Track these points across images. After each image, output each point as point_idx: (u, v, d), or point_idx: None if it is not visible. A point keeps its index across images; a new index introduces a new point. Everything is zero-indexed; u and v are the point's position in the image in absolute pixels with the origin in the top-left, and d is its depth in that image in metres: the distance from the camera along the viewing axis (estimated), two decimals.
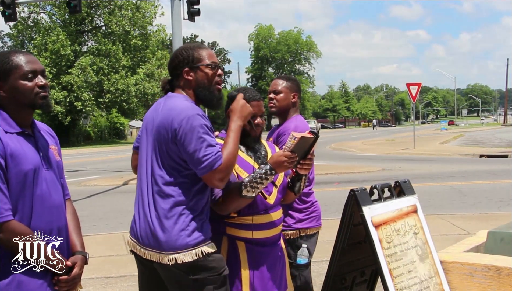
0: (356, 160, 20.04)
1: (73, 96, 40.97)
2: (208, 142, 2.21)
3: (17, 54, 2.07)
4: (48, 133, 2.25)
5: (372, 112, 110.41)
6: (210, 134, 2.25)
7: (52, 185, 2.09)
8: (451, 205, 9.32)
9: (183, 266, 2.23)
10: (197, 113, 2.24)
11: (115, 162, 23.37)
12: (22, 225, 1.96)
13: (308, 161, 2.54)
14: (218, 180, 2.23)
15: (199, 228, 2.27)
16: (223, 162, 2.22)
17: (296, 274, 3.08)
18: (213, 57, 2.42)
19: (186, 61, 2.39)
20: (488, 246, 3.36)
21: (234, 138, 2.33)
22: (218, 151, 2.22)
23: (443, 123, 75.22)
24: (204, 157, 2.18)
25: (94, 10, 45.30)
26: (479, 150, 23.10)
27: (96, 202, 10.97)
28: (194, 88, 2.39)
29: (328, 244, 3.35)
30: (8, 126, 2.02)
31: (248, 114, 2.44)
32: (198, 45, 2.47)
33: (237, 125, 2.38)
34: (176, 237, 2.22)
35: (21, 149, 1.99)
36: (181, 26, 16.17)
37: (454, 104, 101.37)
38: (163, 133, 2.26)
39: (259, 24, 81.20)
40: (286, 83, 3.35)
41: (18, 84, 2.03)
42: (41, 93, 2.07)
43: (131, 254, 2.45)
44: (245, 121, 2.43)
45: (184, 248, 2.22)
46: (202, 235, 2.27)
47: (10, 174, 1.94)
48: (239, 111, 2.41)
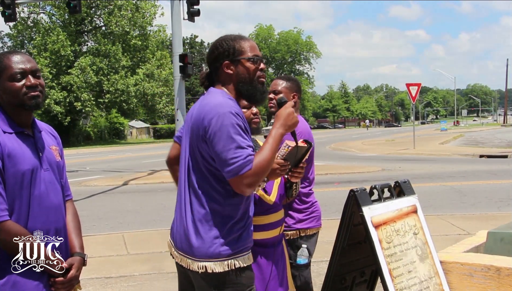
0: (356, 160, 20.04)
1: (73, 97, 41.01)
2: (238, 144, 2.03)
3: (10, 55, 2.06)
4: (50, 134, 2.23)
5: (372, 113, 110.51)
6: (243, 135, 2.07)
7: (51, 185, 2.07)
8: (451, 205, 9.32)
9: (212, 276, 2.09)
10: (230, 111, 2.06)
11: (115, 162, 23.39)
12: (18, 225, 1.94)
13: (299, 169, 2.56)
14: (246, 186, 2.04)
15: (236, 238, 2.12)
16: (252, 168, 2.03)
17: (296, 274, 3.08)
18: (255, 50, 2.26)
19: (226, 54, 2.22)
20: (488, 246, 3.36)
21: (272, 145, 2.11)
22: (249, 154, 2.04)
23: (443, 124, 75.16)
24: (231, 159, 2.01)
25: (94, 11, 45.32)
26: (479, 150, 23.10)
27: (96, 202, 10.96)
28: (235, 83, 2.23)
29: (328, 244, 3.36)
30: (6, 126, 2.01)
31: (294, 124, 2.21)
32: (240, 36, 2.29)
33: (279, 133, 2.15)
34: (209, 244, 2.09)
35: (19, 149, 1.98)
36: (181, 26, 16.17)
37: (454, 104, 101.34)
38: (195, 131, 2.14)
39: (259, 24, 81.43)
40: (286, 84, 3.36)
41: (7, 85, 2.02)
42: (30, 93, 2.03)
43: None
44: (289, 131, 2.21)
45: (216, 257, 2.08)
46: (238, 246, 2.12)
47: (8, 174, 1.93)
48: (284, 119, 2.18)
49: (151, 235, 7.34)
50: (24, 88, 2.02)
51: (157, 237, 7.09)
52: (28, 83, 2.03)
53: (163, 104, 45.22)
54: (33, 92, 2.04)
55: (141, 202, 11.17)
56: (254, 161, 2.04)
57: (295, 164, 2.51)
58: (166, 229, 7.80)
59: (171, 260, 2.35)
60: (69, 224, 2.19)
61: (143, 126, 66.41)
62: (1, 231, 1.90)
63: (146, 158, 24.92)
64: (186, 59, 15.51)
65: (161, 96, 44.60)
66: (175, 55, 15.96)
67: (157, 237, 7.05)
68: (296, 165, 2.52)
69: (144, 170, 17.91)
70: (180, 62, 15.56)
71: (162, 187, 13.23)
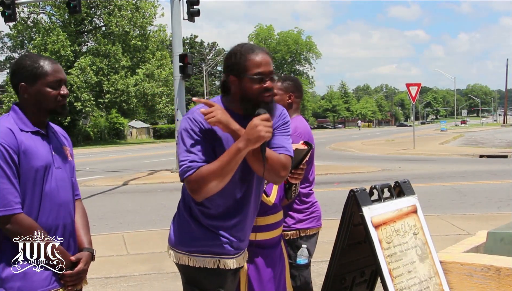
0: (356, 160, 20.04)
1: (73, 97, 40.99)
2: (187, 148, 2.11)
3: (46, 61, 2.17)
4: (62, 136, 2.35)
5: (372, 113, 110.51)
6: (196, 139, 2.11)
7: (62, 183, 2.17)
8: (451, 205, 9.32)
9: (177, 265, 2.33)
10: (188, 116, 2.17)
11: (115, 162, 23.39)
12: (29, 219, 2.04)
13: (299, 171, 2.56)
14: (189, 190, 2.11)
15: (193, 237, 2.26)
16: (194, 174, 2.06)
17: (296, 274, 3.08)
18: (260, 66, 2.13)
19: (231, 68, 2.17)
20: (488, 246, 3.36)
21: (223, 158, 2.06)
22: (193, 159, 2.08)
23: (443, 124, 75.17)
24: (180, 162, 2.12)
25: (93, 11, 45.33)
26: (479, 150, 23.10)
27: (96, 202, 10.99)
28: (240, 98, 2.18)
29: (328, 244, 3.36)
30: (24, 125, 2.12)
31: (256, 138, 2.03)
32: (253, 49, 2.18)
33: (236, 148, 2.05)
34: (173, 235, 2.34)
35: (34, 146, 2.09)
36: (181, 26, 16.18)
37: (454, 104, 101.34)
38: None
39: (259, 24, 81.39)
40: (281, 84, 3.29)
41: (45, 91, 2.14)
42: (62, 102, 2.20)
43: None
44: (252, 145, 2.05)
45: (174, 246, 2.32)
46: (193, 245, 2.25)
47: (22, 170, 2.04)
48: (246, 133, 2.05)
49: (151, 235, 7.34)
50: (59, 97, 2.17)
51: (157, 237, 7.09)
52: (62, 92, 2.18)
53: (163, 104, 45.24)
54: (65, 101, 2.21)
55: (141, 202, 11.18)
56: (200, 168, 2.07)
57: (295, 166, 2.51)
58: (166, 229, 7.76)
59: (171, 260, 2.37)
60: (78, 222, 2.28)
61: (143, 126, 66.40)
62: (14, 223, 2.00)
63: (146, 158, 24.92)
64: (186, 59, 15.51)
65: (161, 96, 44.62)
66: (175, 55, 15.97)
67: (157, 237, 7.05)
68: (296, 166, 2.52)
69: (144, 170, 17.92)
70: (180, 62, 15.57)
71: (162, 187, 13.23)
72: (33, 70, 2.13)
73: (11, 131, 2.05)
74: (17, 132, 2.07)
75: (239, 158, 2.06)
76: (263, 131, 2.03)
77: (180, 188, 2.37)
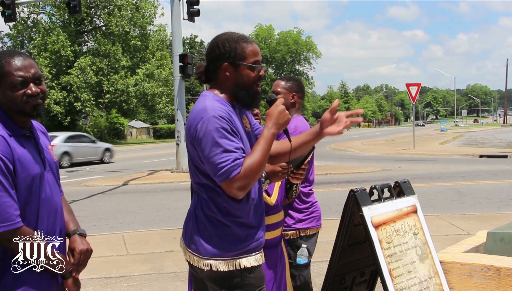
0: (356, 160, 20.04)
1: (73, 97, 40.98)
2: (224, 148, 2.00)
3: (11, 59, 1.96)
4: (42, 133, 2.20)
5: (372, 113, 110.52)
6: (230, 137, 2.03)
7: (53, 187, 2.08)
8: (451, 205, 9.32)
9: (218, 275, 2.10)
10: (213, 115, 2.03)
11: (114, 162, 23.38)
12: (30, 231, 1.95)
13: (301, 171, 2.56)
14: (237, 189, 2.01)
15: (242, 237, 2.12)
16: (242, 171, 1.99)
17: (296, 274, 3.08)
18: (257, 55, 2.19)
19: (227, 56, 2.15)
20: (488, 246, 3.35)
21: (263, 146, 2.07)
22: (236, 157, 2.00)
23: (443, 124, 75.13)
24: (219, 164, 1.99)
25: (93, 11, 45.27)
26: (479, 150, 23.10)
27: (96, 202, 10.96)
28: (232, 86, 2.18)
29: (328, 244, 3.36)
30: (11, 130, 1.96)
31: (285, 122, 2.15)
32: (243, 37, 2.20)
33: (271, 133, 2.10)
34: (214, 243, 2.10)
35: (26, 152, 1.96)
36: (181, 26, 16.20)
37: (454, 104, 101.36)
38: (188, 137, 2.14)
39: (259, 24, 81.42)
40: (285, 84, 3.36)
41: (7, 93, 1.95)
42: (31, 102, 1.97)
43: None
44: (281, 129, 2.15)
45: (220, 256, 2.09)
46: (243, 246, 2.11)
47: (19, 179, 1.91)
48: (275, 118, 2.13)
49: (151, 235, 7.34)
50: (25, 97, 1.95)
51: (156, 237, 7.09)
52: (29, 92, 1.95)
53: (163, 104, 45.21)
54: (34, 101, 1.97)
55: (141, 202, 11.17)
56: (244, 164, 2.01)
57: (297, 166, 2.51)
58: (165, 229, 7.82)
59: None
60: (65, 214, 2.19)
61: (143, 126, 66.38)
62: (16, 238, 1.90)
63: (146, 158, 24.93)
64: (186, 59, 15.53)
65: (161, 96, 44.57)
66: (175, 55, 15.98)
67: (156, 237, 7.05)
68: (298, 166, 2.52)
69: (144, 170, 17.91)
70: (180, 62, 15.58)
71: (162, 187, 13.22)
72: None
73: (3, 138, 1.89)
74: (8, 138, 1.91)
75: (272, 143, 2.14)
76: (288, 114, 2.16)
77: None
